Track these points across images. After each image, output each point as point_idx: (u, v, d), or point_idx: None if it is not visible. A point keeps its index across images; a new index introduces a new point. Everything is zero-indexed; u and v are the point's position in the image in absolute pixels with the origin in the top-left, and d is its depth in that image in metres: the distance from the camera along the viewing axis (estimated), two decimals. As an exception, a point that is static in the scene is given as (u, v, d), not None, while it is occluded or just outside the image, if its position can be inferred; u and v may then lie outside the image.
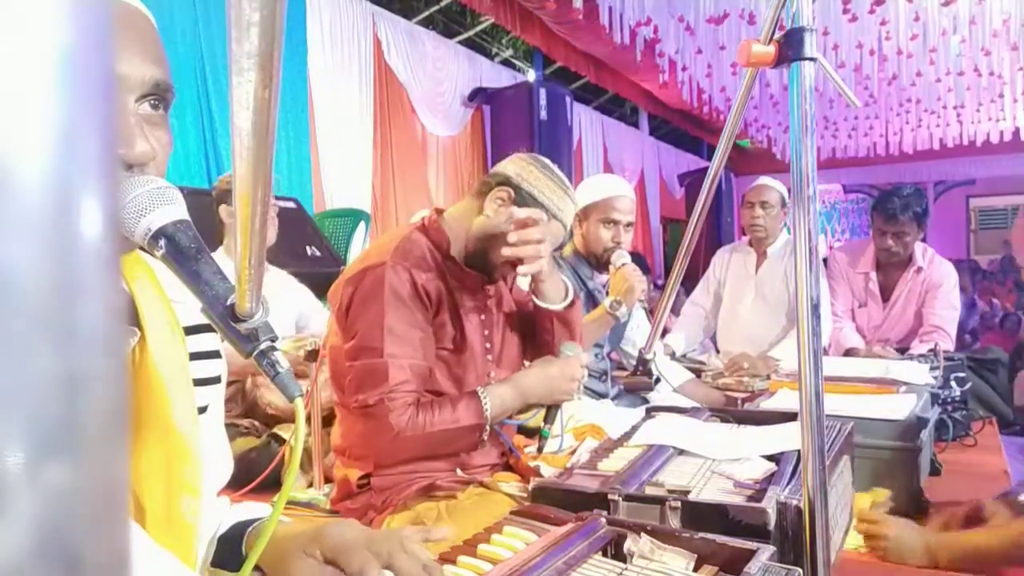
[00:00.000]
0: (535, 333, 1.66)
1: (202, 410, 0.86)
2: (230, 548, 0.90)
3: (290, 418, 2.22)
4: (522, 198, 1.51)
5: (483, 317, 1.58)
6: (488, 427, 1.45)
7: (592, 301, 2.40)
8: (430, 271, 1.47)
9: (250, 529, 0.90)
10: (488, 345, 1.59)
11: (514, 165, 1.56)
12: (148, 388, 0.76)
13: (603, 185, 2.48)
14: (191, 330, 0.85)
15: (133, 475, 0.74)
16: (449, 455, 1.50)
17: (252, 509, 0.97)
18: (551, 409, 1.55)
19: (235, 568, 0.87)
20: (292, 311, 2.67)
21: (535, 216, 1.46)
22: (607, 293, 1.67)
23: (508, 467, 1.64)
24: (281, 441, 2.11)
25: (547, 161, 1.59)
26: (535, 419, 1.60)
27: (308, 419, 1.99)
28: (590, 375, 2.40)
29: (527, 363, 1.67)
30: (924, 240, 3.09)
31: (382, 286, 1.41)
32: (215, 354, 0.90)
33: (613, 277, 2.30)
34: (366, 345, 1.40)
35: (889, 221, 2.95)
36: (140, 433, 0.76)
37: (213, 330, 0.89)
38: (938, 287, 2.98)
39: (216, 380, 0.91)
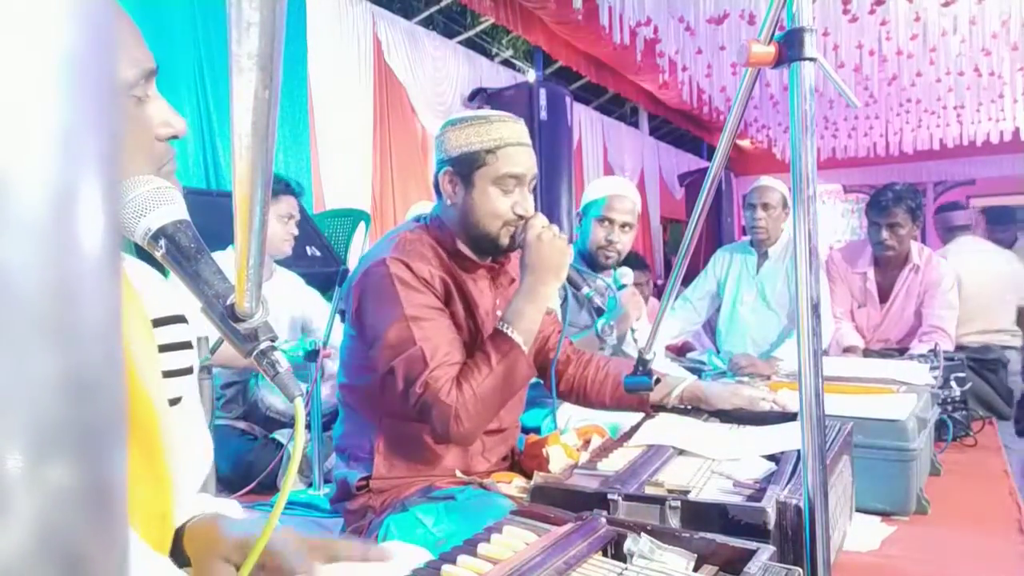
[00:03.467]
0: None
1: (174, 401, 0.84)
2: (174, 542, 0.85)
3: (290, 421, 2.22)
4: (460, 167, 1.47)
5: (497, 304, 1.58)
6: (526, 348, 1.40)
7: (580, 307, 2.37)
8: (433, 265, 1.46)
9: (187, 524, 0.85)
10: None
11: (437, 145, 1.53)
12: None
13: (604, 184, 2.50)
14: (159, 322, 0.84)
15: None
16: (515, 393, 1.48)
17: (207, 503, 0.92)
18: (569, 281, 1.51)
19: (178, 562, 0.83)
20: (300, 313, 2.68)
21: None
22: (602, 304, 1.61)
23: (511, 466, 1.64)
24: (279, 445, 2.11)
25: (457, 116, 1.52)
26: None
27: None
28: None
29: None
30: (923, 240, 3.09)
31: (389, 281, 1.40)
32: (186, 345, 0.88)
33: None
34: (398, 342, 1.38)
35: (882, 213, 2.95)
36: None
37: (183, 321, 0.88)
38: (936, 286, 2.99)
39: (188, 371, 0.89)
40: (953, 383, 2.11)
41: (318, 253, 3.47)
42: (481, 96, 6.12)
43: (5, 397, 0.16)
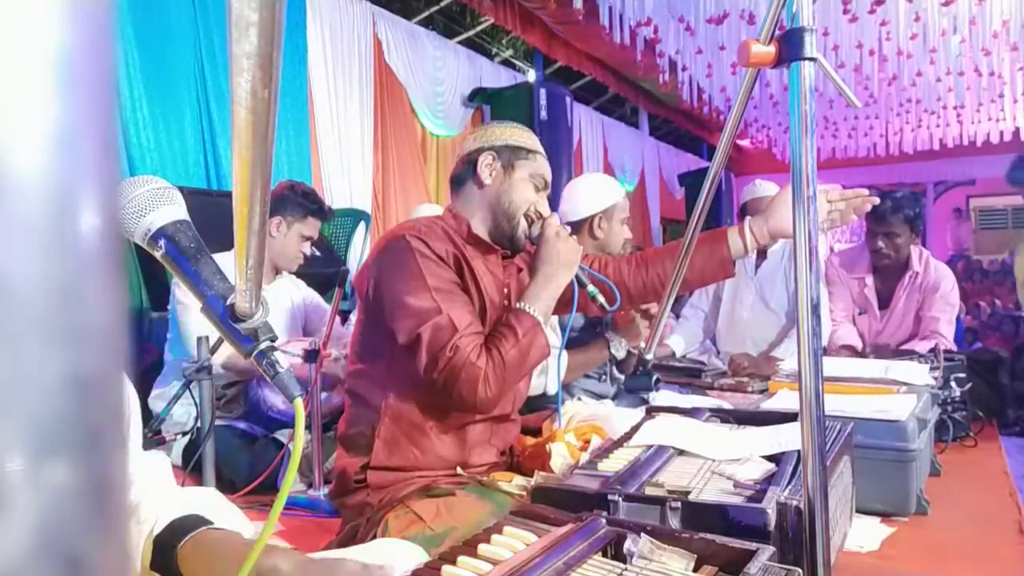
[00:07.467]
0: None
1: None
2: (162, 555, 0.83)
3: (291, 421, 2.22)
4: (504, 153, 1.58)
5: (505, 292, 1.62)
6: (544, 326, 1.48)
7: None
8: (449, 246, 1.51)
9: (183, 542, 0.82)
10: None
11: (475, 136, 1.62)
12: None
13: (610, 185, 2.55)
14: None
15: None
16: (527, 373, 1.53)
17: (189, 502, 0.89)
18: (575, 278, 1.58)
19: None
20: (301, 315, 2.69)
21: None
22: (605, 302, 1.64)
23: (510, 467, 1.64)
24: (280, 444, 2.11)
25: (492, 121, 1.65)
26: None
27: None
28: (591, 376, 2.40)
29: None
30: (923, 243, 3.09)
31: (410, 254, 1.44)
32: None
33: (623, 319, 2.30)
34: (422, 311, 1.41)
35: (879, 222, 2.95)
36: None
37: None
38: (934, 290, 2.98)
39: None
40: (953, 383, 2.11)
41: (318, 253, 3.47)
42: (481, 96, 6.12)
43: (5, 397, 0.16)
